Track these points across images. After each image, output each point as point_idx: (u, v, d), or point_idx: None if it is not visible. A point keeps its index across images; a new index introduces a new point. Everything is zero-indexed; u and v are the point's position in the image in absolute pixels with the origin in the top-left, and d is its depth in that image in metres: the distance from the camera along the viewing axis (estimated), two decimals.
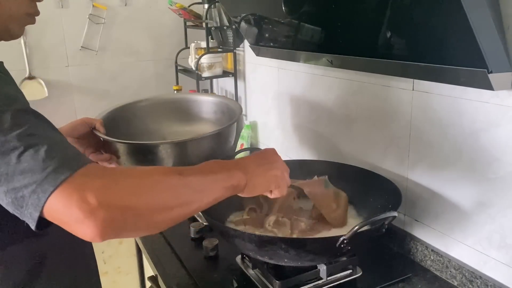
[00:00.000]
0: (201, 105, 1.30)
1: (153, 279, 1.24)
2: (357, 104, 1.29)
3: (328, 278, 1.02)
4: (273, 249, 0.90)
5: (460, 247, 1.03)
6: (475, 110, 0.94)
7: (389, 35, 0.94)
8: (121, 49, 2.23)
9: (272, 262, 0.97)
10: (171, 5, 2.04)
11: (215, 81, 2.31)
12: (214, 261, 1.15)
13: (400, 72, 1.02)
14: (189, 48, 2.09)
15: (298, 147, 1.64)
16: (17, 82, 0.67)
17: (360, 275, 1.05)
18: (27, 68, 2.04)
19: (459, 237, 1.03)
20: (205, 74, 1.97)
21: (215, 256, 1.16)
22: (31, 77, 2.06)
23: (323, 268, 1.01)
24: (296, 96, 1.60)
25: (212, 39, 2.03)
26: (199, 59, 1.92)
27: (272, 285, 1.00)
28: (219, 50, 2.01)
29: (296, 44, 1.32)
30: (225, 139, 1.08)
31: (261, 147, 1.92)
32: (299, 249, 0.90)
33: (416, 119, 1.09)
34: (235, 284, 1.05)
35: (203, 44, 1.97)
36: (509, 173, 0.89)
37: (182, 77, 2.23)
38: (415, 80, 1.07)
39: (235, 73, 2.00)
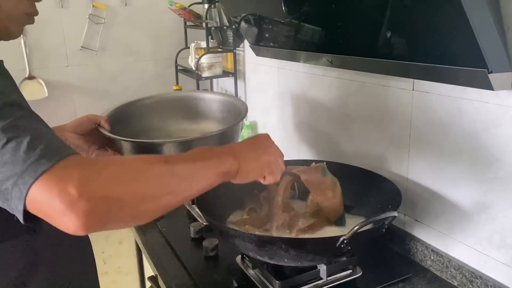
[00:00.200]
0: (207, 103, 1.29)
1: (153, 279, 1.24)
2: (357, 104, 1.29)
3: (328, 278, 1.02)
4: (273, 249, 0.90)
5: (460, 247, 1.03)
6: (475, 110, 0.94)
7: (389, 35, 0.94)
8: (121, 49, 2.23)
9: (272, 262, 0.97)
10: (171, 5, 2.04)
11: (215, 81, 2.32)
12: (214, 261, 1.15)
13: (400, 72, 1.02)
14: (189, 48, 2.10)
15: (298, 147, 1.64)
16: (17, 82, 0.67)
17: (360, 275, 1.05)
18: (27, 68, 2.04)
19: (459, 237, 1.03)
20: (205, 74, 1.97)
21: (215, 256, 1.16)
22: (31, 77, 2.06)
23: (323, 268, 1.01)
24: (296, 96, 1.60)
25: (212, 39, 2.03)
26: (199, 59, 1.92)
27: (272, 285, 1.00)
28: (219, 50, 2.01)
29: (296, 44, 1.32)
30: (230, 138, 1.07)
31: None
32: (299, 249, 0.90)
33: (416, 119, 1.09)
34: (235, 284, 1.05)
35: (203, 44, 1.97)
36: (509, 173, 0.89)
37: (182, 77, 2.23)
38: (415, 80, 1.07)
39: (235, 73, 2.00)
